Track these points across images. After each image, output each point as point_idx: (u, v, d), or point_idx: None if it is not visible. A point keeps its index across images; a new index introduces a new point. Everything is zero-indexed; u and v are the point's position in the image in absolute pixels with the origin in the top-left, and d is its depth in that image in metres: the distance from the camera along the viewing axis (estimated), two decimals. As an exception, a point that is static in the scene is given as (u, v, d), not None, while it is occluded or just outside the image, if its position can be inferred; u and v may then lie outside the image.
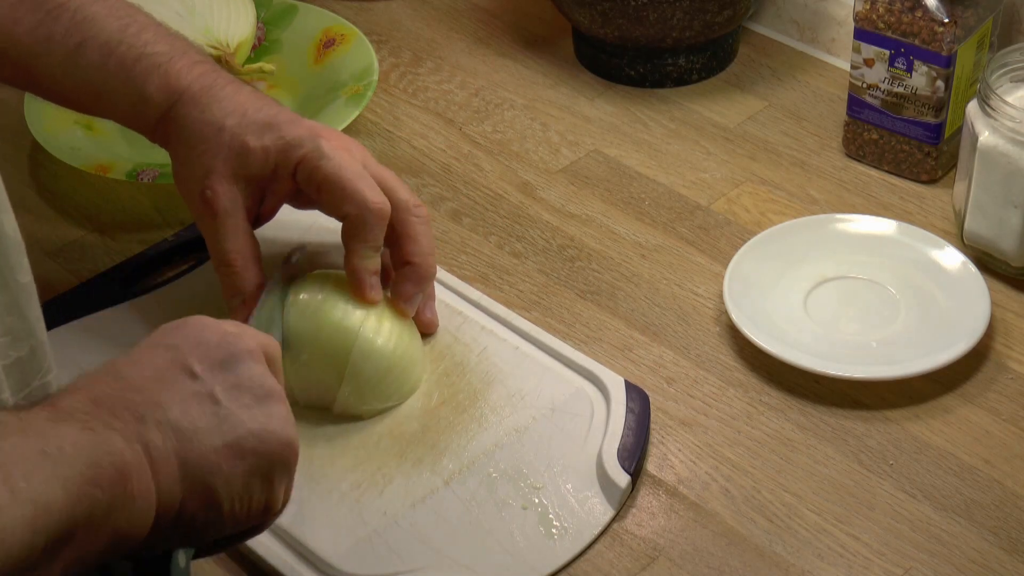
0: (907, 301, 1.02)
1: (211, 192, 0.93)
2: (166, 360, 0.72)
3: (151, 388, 0.71)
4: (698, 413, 0.96)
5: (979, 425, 0.95)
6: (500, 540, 0.86)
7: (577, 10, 1.22)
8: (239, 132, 0.94)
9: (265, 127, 0.94)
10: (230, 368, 0.73)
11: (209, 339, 0.74)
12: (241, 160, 0.94)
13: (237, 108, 0.95)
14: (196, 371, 0.72)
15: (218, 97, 0.95)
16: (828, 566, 0.86)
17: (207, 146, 0.94)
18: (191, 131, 0.94)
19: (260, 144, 0.94)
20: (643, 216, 1.12)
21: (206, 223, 0.94)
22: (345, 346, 0.92)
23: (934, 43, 1.07)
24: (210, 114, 0.94)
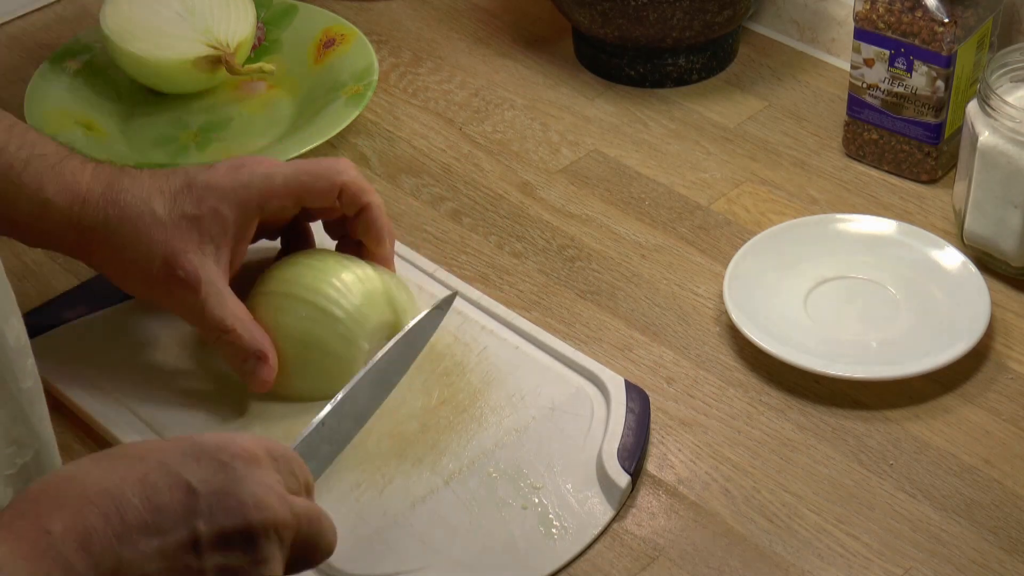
0: (907, 301, 1.02)
1: (183, 271, 0.91)
2: (179, 508, 0.68)
3: (148, 550, 0.67)
4: (698, 413, 0.96)
5: (979, 425, 0.95)
6: (500, 540, 0.87)
7: (577, 10, 1.22)
8: (175, 211, 0.92)
9: (189, 191, 0.93)
10: (235, 546, 0.69)
11: (231, 496, 0.70)
12: (198, 231, 0.92)
13: (152, 188, 0.93)
14: (201, 540, 0.68)
15: (126, 188, 0.92)
16: (828, 566, 0.86)
17: (149, 237, 0.92)
18: (120, 233, 0.92)
19: (205, 209, 0.92)
20: (643, 216, 1.12)
21: (188, 302, 0.92)
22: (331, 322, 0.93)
23: (934, 43, 1.07)
24: (131, 207, 0.92)
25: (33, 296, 1.05)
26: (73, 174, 0.92)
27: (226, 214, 0.93)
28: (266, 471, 0.72)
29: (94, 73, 1.24)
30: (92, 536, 0.66)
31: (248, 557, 0.70)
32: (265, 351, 0.92)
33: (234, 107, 1.24)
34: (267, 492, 0.71)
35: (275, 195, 0.94)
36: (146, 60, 1.20)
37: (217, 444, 0.71)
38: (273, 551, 0.71)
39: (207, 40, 1.20)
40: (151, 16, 1.20)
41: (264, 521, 0.70)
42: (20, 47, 1.33)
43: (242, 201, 0.93)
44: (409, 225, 1.12)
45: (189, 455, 0.70)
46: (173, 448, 0.71)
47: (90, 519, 0.66)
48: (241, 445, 0.72)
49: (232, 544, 0.69)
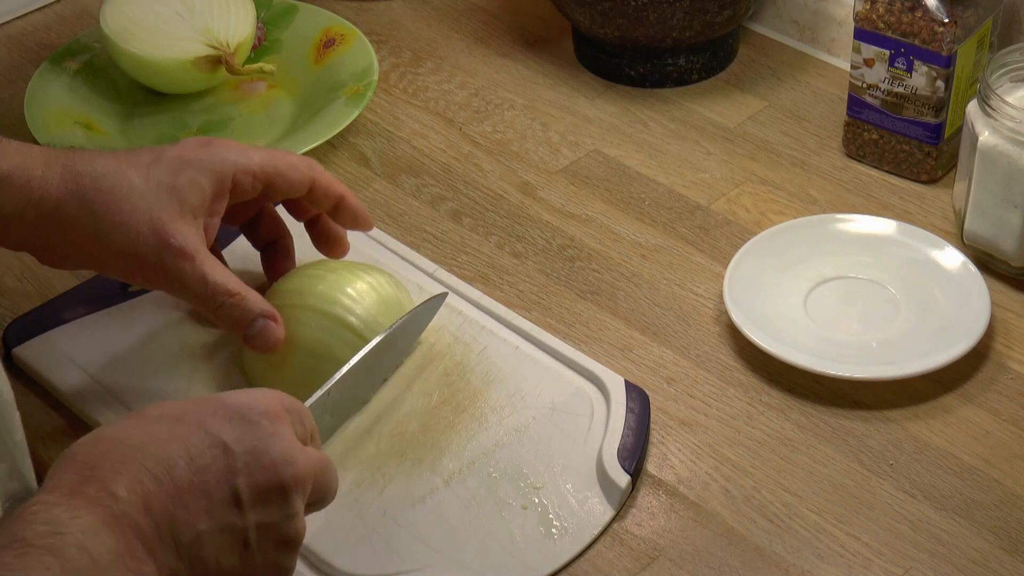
0: (907, 301, 1.02)
1: (176, 239, 0.88)
2: (220, 467, 0.73)
3: (196, 508, 0.72)
4: (698, 413, 0.96)
5: (979, 425, 0.95)
6: (500, 540, 0.87)
7: (577, 10, 1.22)
8: (151, 179, 0.89)
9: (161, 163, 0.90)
10: (271, 501, 0.74)
11: (264, 455, 0.74)
12: (178, 199, 0.90)
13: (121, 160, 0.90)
14: (241, 495, 0.73)
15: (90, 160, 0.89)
16: (828, 566, 0.86)
17: (132, 204, 0.88)
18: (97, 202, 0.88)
19: (183, 179, 0.90)
20: (643, 216, 1.12)
21: (183, 271, 0.89)
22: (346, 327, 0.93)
23: (934, 43, 1.07)
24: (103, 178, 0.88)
25: (33, 296, 1.05)
26: (20, 151, 0.88)
27: (203, 183, 0.91)
28: (286, 426, 0.76)
29: (94, 73, 1.24)
30: (151, 498, 0.70)
31: (281, 512, 0.75)
32: (270, 310, 0.91)
33: (234, 107, 1.24)
34: (292, 448, 0.76)
35: (249, 172, 0.92)
36: (146, 60, 1.20)
37: (244, 403, 0.76)
38: (300, 504, 0.76)
39: (207, 40, 1.20)
40: (151, 16, 1.20)
41: (294, 476, 0.75)
42: (20, 47, 1.33)
43: (217, 173, 0.91)
44: (409, 225, 1.12)
45: (221, 415, 0.75)
46: (205, 409, 0.75)
47: (146, 482, 0.70)
48: (264, 403, 0.76)
49: (269, 500, 0.74)
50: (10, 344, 1.00)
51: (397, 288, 0.97)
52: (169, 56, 1.19)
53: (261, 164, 0.93)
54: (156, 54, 1.19)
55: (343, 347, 0.92)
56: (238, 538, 0.73)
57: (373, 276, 0.95)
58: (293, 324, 0.93)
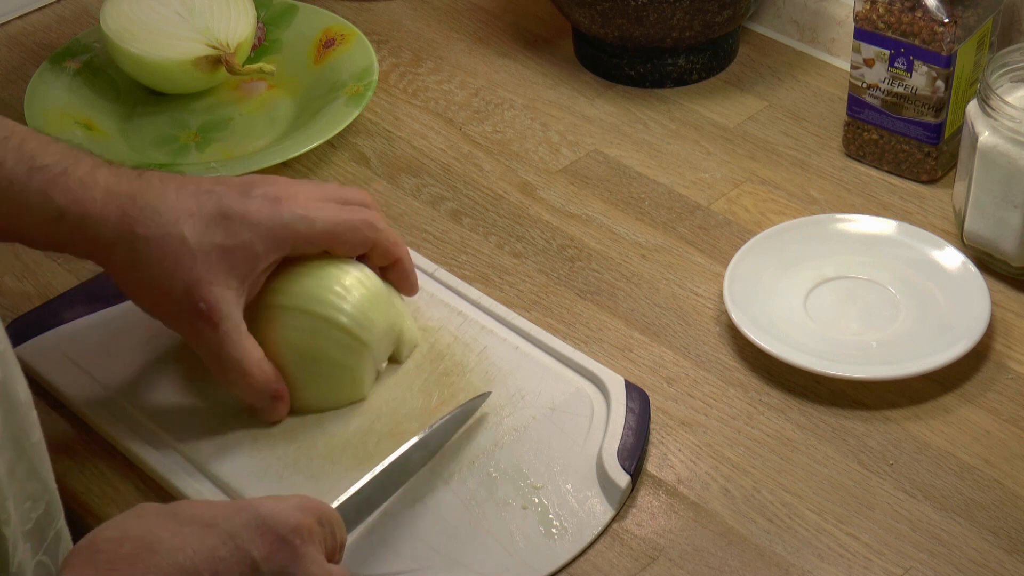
0: (907, 301, 1.02)
1: (204, 304, 0.88)
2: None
3: None
4: (698, 413, 0.96)
5: (979, 425, 0.95)
6: (500, 540, 0.87)
7: (577, 10, 1.22)
8: (205, 239, 0.88)
9: (224, 220, 0.89)
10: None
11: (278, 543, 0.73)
12: (226, 263, 0.89)
13: (182, 209, 0.89)
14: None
15: (151, 205, 0.88)
16: (828, 566, 0.86)
17: (175, 261, 0.88)
18: (144, 253, 0.88)
19: (238, 242, 0.89)
20: (643, 216, 1.12)
21: (205, 336, 0.89)
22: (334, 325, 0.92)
23: (934, 43, 1.07)
24: (157, 227, 0.88)
25: (33, 296, 1.06)
26: (83, 185, 0.87)
27: (259, 250, 0.90)
28: (317, 544, 0.75)
29: (94, 73, 1.24)
30: None
31: None
32: (280, 391, 0.91)
33: (234, 107, 1.24)
34: (320, 572, 0.75)
35: (311, 241, 0.92)
36: (146, 60, 1.20)
37: (280, 518, 0.74)
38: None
39: (207, 40, 1.20)
40: (151, 16, 1.20)
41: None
42: (20, 47, 1.33)
43: (278, 240, 0.90)
44: (409, 225, 1.12)
45: (252, 528, 0.73)
46: (239, 519, 0.73)
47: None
48: (299, 520, 0.75)
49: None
50: (10, 344, 1.00)
51: (387, 286, 0.96)
52: (169, 56, 1.19)
53: (323, 231, 0.92)
54: (156, 54, 1.19)
55: (333, 346, 0.92)
56: None
57: (361, 271, 0.95)
58: (282, 326, 0.92)
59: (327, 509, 0.78)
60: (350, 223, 0.93)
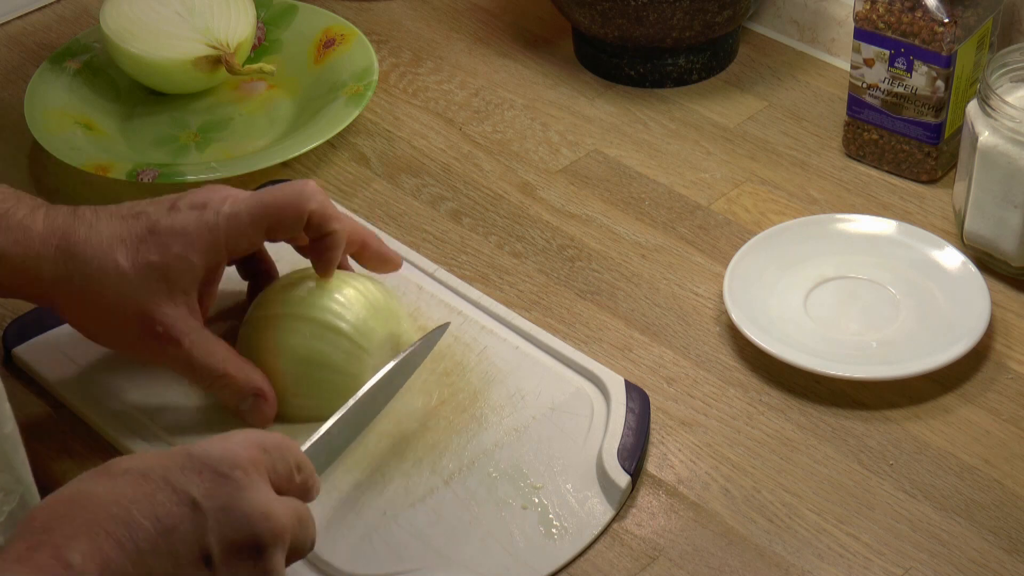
0: (907, 301, 1.02)
1: (161, 327, 0.88)
2: (188, 527, 0.70)
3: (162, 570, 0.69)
4: (698, 413, 0.96)
5: (979, 425, 0.95)
6: (500, 540, 0.87)
7: (577, 10, 1.22)
8: (139, 260, 0.88)
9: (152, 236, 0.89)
10: (245, 558, 0.71)
11: (237, 510, 0.71)
12: (166, 280, 0.88)
13: (113, 236, 0.88)
14: (213, 555, 0.70)
15: (83, 237, 0.88)
16: (828, 566, 0.86)
17: (116, 291, 0.88)
18: (85, 287, 0.88)
19: (171, 256, 0.88)
20: (643, 216, 1.12)
21: (172, 355, 0.89)
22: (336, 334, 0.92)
23: (934, 43, 1.07)
24: (93, 258, 0.88)
25: (33, 296, 1.05)
26: (22, 226, 0.88)
27: (194, 260, 0.89)
28: (262, 475, 0.73)
29: (94, 73, 1.24)
30: (110, 564, 0.67)
31: (257, 568, 0.72)
32: (262, 387, 0.91)
33: (234, 107, 1.24)
34: (268, 501, 0.72)
35: (243, 234, 0.91)
36: (146, 60, 1.20)
37: (217, 455, 0.72)
38: (279, 560, 0.73)
39: (207, 40, 1.20)
40: (151, 16, 1.20)
41: (272, 530, 0.72)
42: (20, 47, 1.33)
43: (209, 245, 0.90)
44: (409, 225, 1.12)
45: (190, 469, 0.71)
46: (173, 463, 0.71)
47: (105, 548, 0.67)
48: (238, 453, 0.73)
49: (242, 556, 0.71)
50: (10, 344, 1.00)
51: (385, 294, 0.96)
52: (169, 56, 1.19)
53: (252, 220, 0.90)
54: (156, 54, 1.19)
55: (335, 352, 0.92)
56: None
57: (361, 282, 0.95)
58: (284, 332, 0.92)
59: (273, 438, 0.76)
60: (279, 201, 0.91)
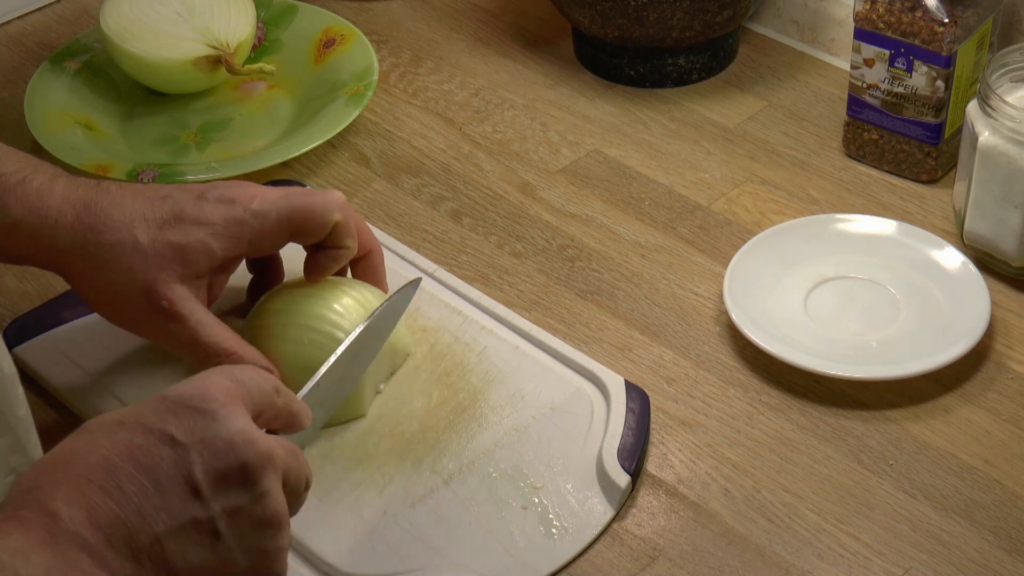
0: (907, 301, 1.02)
1: (167, 302, 0.88)
2: (169, 463, 0.70)
3: (150, 509, 0.69)
4: (698, 413, 0.96)
5: (979, 425, 0.95)
6: (500, 540, 0.87)
7: (577, 10, 1.22)
8: (159, 239, 0.88)
9: (177, 222, 0.89)
10: (235, 484, 0.71)
11: (218, 438, 0.71)
12: (181, 261, 0.88)
13: (136, 214, 0.88)
14: (200, 485, 0.70)
15: (106, 211, 0.88)
16: (828, 566, 0.86)
17: (130, 265, 0.88)
18: (100, 258, 0.88)
19: (192, 240, 0.89)
20: (643, 216, 1.12)
21: (174, 332, 0.89)
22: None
23: (934, 43, 1.07)
24: (111, 232, 0.88)
25: (33, 296, 1.06)
26: (39, 194, 0.88)
27: (215, 249, 0.89)
28: (239, 407, 0.73)
29: (94, 73, 1.24)
30: (97, 511, 0.67)
31: (250, 493, 0.71)
32: (269, 366, 0.90)
33: (234, 107, 1.24)
34: (251, 427, 0.72)
35: (268, 233, 0.91)
36: (146, 60, 1.20)
37: (191, 393, 0.72)
38: (272, 483, 0.72)
39: (207, 40, 1.20)
40: (151, 16, 1.20)
41: (257, 454, 0.71)
42: (20, 47, 1.33)
43: (234, 237, 0.90)
44: (409, 225, 1.12)
45: (165, 410, 0.71)
46: (147, 408, 0.72)
47: (90, 495, 0.67)
48: (211, 387, 0.73)
49: (231, 483, 0.71)
50: (10, 344, 1.00)
51: (382, 301, 0.96)
52: (169, 56, 1.19)
53: (279, 221, 0.91)
54: (156, 54, 1.19)
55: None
56: (205, 531, 0.70)
57: (358, 291, 0.95)
58: (282, 341, 0.92)
59: (245, 369, 0.76)
60: (306, 208, 0.91)
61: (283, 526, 0.73)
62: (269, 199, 0.91)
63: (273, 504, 0.72)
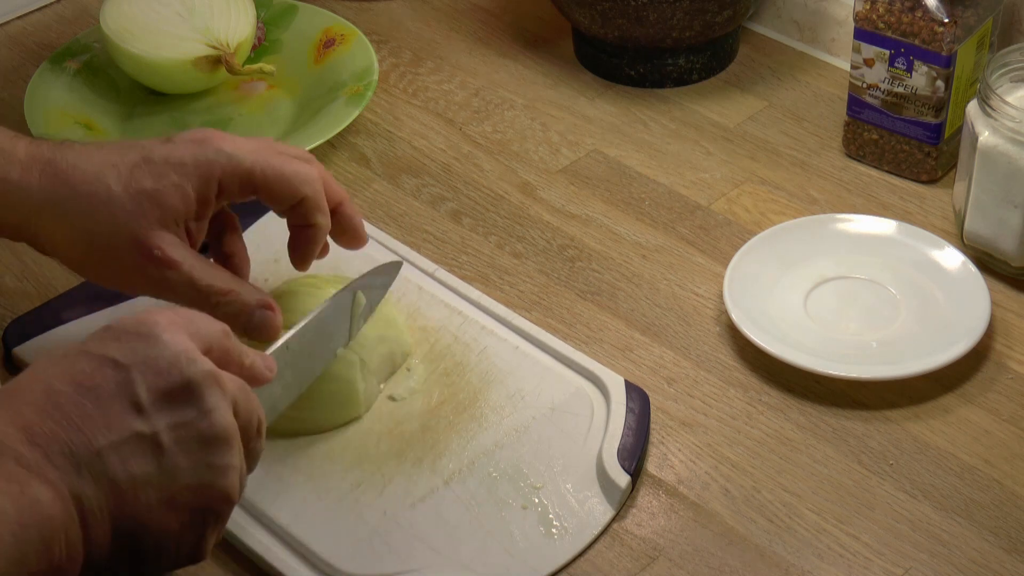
0: (907, 301, 1.02)
1: (159, 250, 0.86)
2: (111, 384, 0.70)
3: (91, 426, 0.69)
4: (698, 413, 0.96)
5: (979, 425, 0.95)
6: (500, 540, 0.87)
7: (577, 10, 1.22)
8: (132, 186, 0.86)
9: (147, 164, 0.87)
10: (179, 401, 0.71)
11: (160, 358, 0.71)
12: (160, 207, 0.86)
13: (104, 162, 0.87)
14: (142, 402, 0.70)
15: (72, 163, 0.86)
16: (828, 566, 0.86)
17: (109, 213, 0.86)
18: (73, 212, 0.86)
19: (166, 184, 0.87)
20: (643, 216, 1.12)
21: (169, 280, 0.87)
22: None
23: (934, 43, 1.07)
24: (81, 183, 0.86)
25: (33, 296, 1.06)
26: (3, 153, 0.86)
27: (188, 190, 0.87)
28: (181, 333, 0.73)
29: (94, 73, 1.24)
30: (33, 428, 0.68)
31: (195, 409, 0.71)
32: (269, 300, 0.89)
33: (234, 107, 1.24)
34: (192, 349, 0.73)
35: (238, 176, 0.89)
36: (146, 60, 1.20)
37: (132, 321, 0.73)
38: (218, 400, 0.72)
39: (207, 40, 1.20)
40: (151, 16, 1.20)
41: (200, 371, 0.72)
42: (20, 47, 1.33)
43: (204, 176, 0.88)
44: (409, 225, 1.12)
45: (107, 337, 0.72)
46: (91, 337, 0.73)
47: (26, 415, 0.68)
48: (155, 316, 0.73)
49: (175, 399, 0.71)
50: (10, 344, 1.00)
51: (383, 301, 0.96)
52: (169, 56, 1.19)
53: (251, 171, 0.89)
54: (156, 54, 1.19)
55: (335, 361, 0.92)
56: (148, 444, 0.70)
57: None
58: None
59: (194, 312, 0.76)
60: (279, 172, 0.90)
61: (231, 443, 0.73)
62: (244, 147, 0.90)
63: (219, 418, 0.72)
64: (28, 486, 0.67)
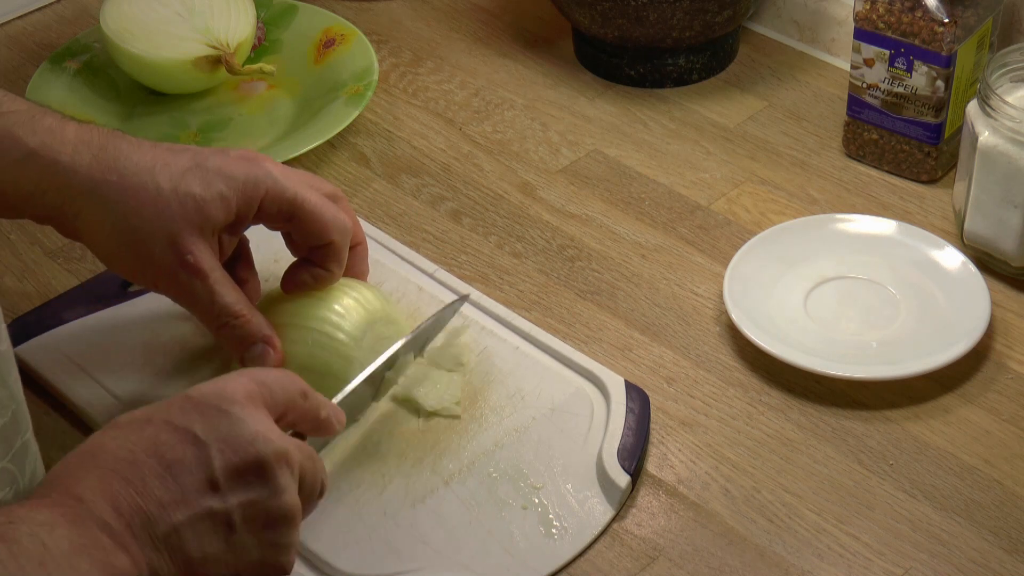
0: (907, 301, 1.02)
1: (192, 256, 0.87)
2: (191, 459, 0.73)
3: (171, 502, 0.72)
4: (698, 413, 0.96)
5: (979, 425, 0.95)
6: (500, 540, 0.87)
7: (577, 10, 1.22)
8: (181, 188, 0.87)
9: (199, 170, 0.88)
10: (252, 480, 0.74)
11: (240, 437, 0.74)
12: (202, 215, 0.88)
13: (156, 159, 0.88)
14: (218, 480, 0.73)
15: (124, 154, 0.87)
16: (828, 566, 0.86)
17: (154, 210, 0.87)
18: (119, 203, 0.87)
19: (213, 193, 0.88)
20: (643, 216, 1.12)
21: (194, 288, 0.88)
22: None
23: (934, 43, 1.07)
24: (132, 175, 0.87)
25: (33, 296, 1.06)
26: (52, 131, 0.86)
27: (232, 203, 0.89)
28: (260, 408, 0.76)
29: (94, 73, 1.24)
30: (119, 499, 0.70)
31: (266, 488, 0.74)
32: (272, 335, 0.90)
33: (234, 107, 1.24)
34: (268, 428, 0.75)
35: (280, 202, 0.90)
36: (146, 60, 1.20)
37: (214, 393, 0.75)
38: (288, 480, 0.75)
39: (207, 40, 1.20)
40: (151, 16, 1.20)
41: (274, 451, 0.74)
42: (20, 47, 1.33)
43: (249, 195, 0.89)
44: (409, 225, 1.12)
45: (190, 409, 0.74)
46: (173, 406, 0.75)
47: (113, 485, 0.71)
48: (234, 389, 0.76)
49: (248, 478, 0.74)
50: (10, 344, 1.00)
51: (384, 302, 0.96)
52: (169, 56, 1.19)
53: (293, 203, 0.90)
54: (156, 54, 1.19)
55: (335, 360, 0.92)
56: (221, 522, 0.73)
57: (359, 292, 0.95)
58: (285, 342, 0.92)
59: (271, 372, 0.79)
60: (312, 213, 0.91)
61: (295, 522, 0.76)
62: (291, 176, 0.91)
63: (287, 500, 0.75)
64: (114, 555, 0.69)
